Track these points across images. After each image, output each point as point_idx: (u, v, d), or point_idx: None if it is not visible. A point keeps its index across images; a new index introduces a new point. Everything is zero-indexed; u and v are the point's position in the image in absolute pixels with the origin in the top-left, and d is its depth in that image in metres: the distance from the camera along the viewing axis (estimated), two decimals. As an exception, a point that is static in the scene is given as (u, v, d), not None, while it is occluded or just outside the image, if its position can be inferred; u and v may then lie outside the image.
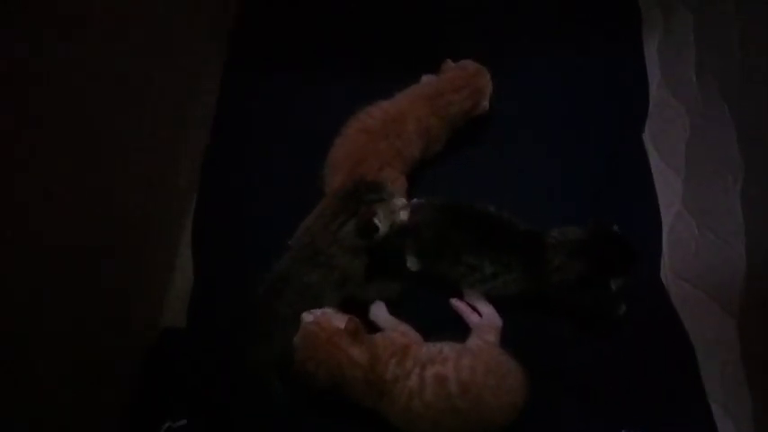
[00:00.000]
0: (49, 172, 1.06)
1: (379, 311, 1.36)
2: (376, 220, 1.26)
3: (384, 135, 1.46)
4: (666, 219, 1.55)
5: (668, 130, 1.64)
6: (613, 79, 1.76)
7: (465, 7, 1.86)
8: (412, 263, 1.43)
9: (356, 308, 1.33)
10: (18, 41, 0.96)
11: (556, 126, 1.68)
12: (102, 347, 1.24)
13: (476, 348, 1.25)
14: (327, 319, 1.20)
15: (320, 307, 1.23)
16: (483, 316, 1.37)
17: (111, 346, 1.28)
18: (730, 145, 1.45)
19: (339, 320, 1.19)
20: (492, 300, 1.38)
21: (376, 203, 1.28)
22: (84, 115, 1.15)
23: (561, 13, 1.86)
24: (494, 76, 1.58)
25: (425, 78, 1.61)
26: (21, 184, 0.99)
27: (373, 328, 1.31)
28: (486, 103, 1.56)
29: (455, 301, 1.41)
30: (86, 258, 1.18)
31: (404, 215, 1.39)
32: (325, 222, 1.30)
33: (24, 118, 0.99)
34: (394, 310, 1.36)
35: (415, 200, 1.43)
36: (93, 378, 1.21)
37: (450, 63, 1.58)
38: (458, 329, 1.34)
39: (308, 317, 1.21)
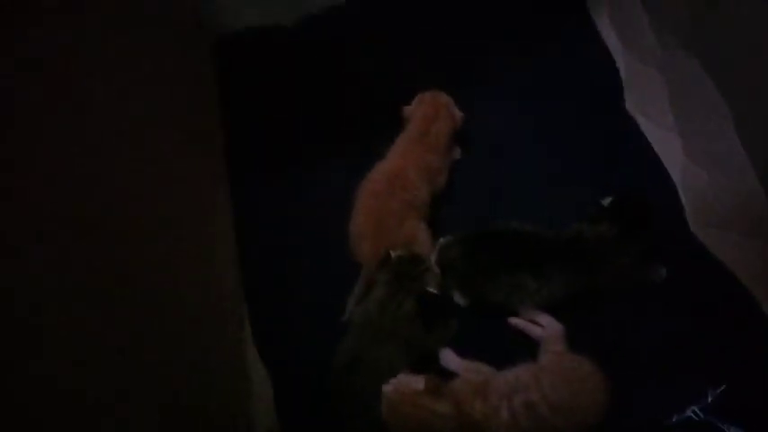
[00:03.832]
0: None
1: (448, 357, 1.39)
2: (430, 290, 1.36)
3: (391, 193, 1.51)
4: (676, 175, 1.60)
5: (648, 94, 1.69)
6: (577, 61, 1.81)
7: (429, 39, 1.93)
8: (458, 298, 1.48)
9: (425, 362, 1.36)
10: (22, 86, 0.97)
11: (538, 123, 1.74)
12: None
13: (549, 364, 1.29)
14: (405, 383, 1.22)
15: (394, 376, 1.26)
16: (544, 326, 1.39)
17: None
18: (710, 90, 1.49)
19: (416, 382, 1.22)
20: (546, 308, 1.41)
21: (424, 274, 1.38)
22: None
23: (512, 17, 1.94)
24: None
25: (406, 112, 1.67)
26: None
27: (448, 375, 1.33)
28: (459, 112, 1.65)
29: (513, 320, 1.44)
30: (172, 398, 1.21)
31: (434, 259, 1.46)
32: (382, 304, 1.36)
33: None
34: (461, 351, 1.39)
35: (441, 239, 1.48)
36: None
37: (407, 107, 1.66)
38: (526, 347, 1.37)
39: (387, 387, 1.23)
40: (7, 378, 0.82)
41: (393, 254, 1.40)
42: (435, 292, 1.36)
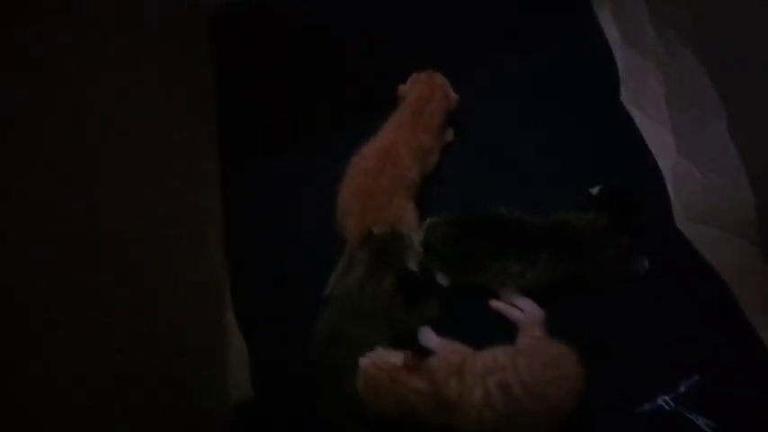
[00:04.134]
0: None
1: (427, 336, 1.39)
2: (410, 267, 1.36)
3: (382, 170, 1.51)
4: (667, 171, 1.61)
5: (644, 89, 1.69)
6: (578, 60, 1.82)
7: (429, 39, 1.93)
8: (441, 279, 1.49)
9: (404, 340, 1.35)
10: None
11: (538, 122, 1.74)
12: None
13: (526, 347, 1.29)
14: (383, 358, 1.23)
15: (372, 350, 1.27)
16: (524, 311, 1.40)
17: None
18: (706, 87, 1.50)
19: (394, 357, 1.23)
20: (528, 292, 1.41)
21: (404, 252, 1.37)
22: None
23: (512, 17, 1.94)
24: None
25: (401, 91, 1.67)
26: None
27: (426, 353, 1.33)
28: (454, 94, 1.65)
29: (494, 303, 1.44)
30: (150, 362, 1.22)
31: (417, 243, 1.45)
32: (361, 282, 1.36)
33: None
34: (441, 329, 1.39)
35: (428, 220, 1.48)
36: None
37: (402, 86, 1.66)
38: (505, 329, 1.38)
39: (364, 361, 1.24)
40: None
41: (375, 230, 1.40)
42: (415, 270, 1.36)
